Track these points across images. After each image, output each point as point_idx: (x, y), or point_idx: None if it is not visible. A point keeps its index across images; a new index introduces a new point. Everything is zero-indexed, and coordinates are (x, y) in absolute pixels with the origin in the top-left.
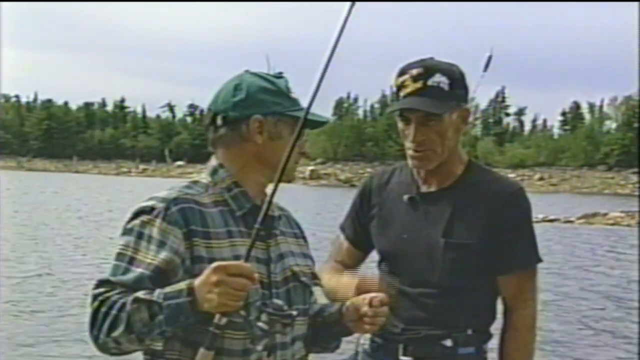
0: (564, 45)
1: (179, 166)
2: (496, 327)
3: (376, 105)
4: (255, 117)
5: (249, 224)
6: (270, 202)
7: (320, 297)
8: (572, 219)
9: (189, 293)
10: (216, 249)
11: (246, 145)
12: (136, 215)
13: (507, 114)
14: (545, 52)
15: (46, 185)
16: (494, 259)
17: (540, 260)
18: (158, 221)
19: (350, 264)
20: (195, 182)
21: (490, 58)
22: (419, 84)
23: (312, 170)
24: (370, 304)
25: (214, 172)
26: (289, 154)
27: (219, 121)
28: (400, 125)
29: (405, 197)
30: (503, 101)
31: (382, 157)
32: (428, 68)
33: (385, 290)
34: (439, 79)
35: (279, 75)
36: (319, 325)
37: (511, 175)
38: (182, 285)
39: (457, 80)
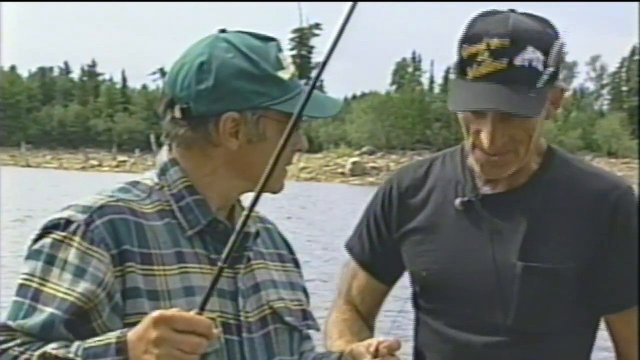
0: None
1: None
2: None
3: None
4: (229, 115)
5: (207, 243)
6: (242, 228)
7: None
8: None
9: (119, 350)
10: (160, 278)
11: (214, 150)
12: (46, 231)
13: None
14: None
15: None
16: (596, 290)
17: None
18: (76, 239)
19: (369, 302)
20: (135, 184)
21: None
22: (502, 64)
23: (354, 163)
24: (375, 354)
25: (163, 170)
26: (275, 161)
27: (177, 112)
28: (462, 113)
29: (458, 201)
30: None
31: (456, 143)
32: (516, 39)
33: None
34: (531, 56)
35: (271, 38)
36: None
37: None
38: (111, 337)
39: (554, 51)
